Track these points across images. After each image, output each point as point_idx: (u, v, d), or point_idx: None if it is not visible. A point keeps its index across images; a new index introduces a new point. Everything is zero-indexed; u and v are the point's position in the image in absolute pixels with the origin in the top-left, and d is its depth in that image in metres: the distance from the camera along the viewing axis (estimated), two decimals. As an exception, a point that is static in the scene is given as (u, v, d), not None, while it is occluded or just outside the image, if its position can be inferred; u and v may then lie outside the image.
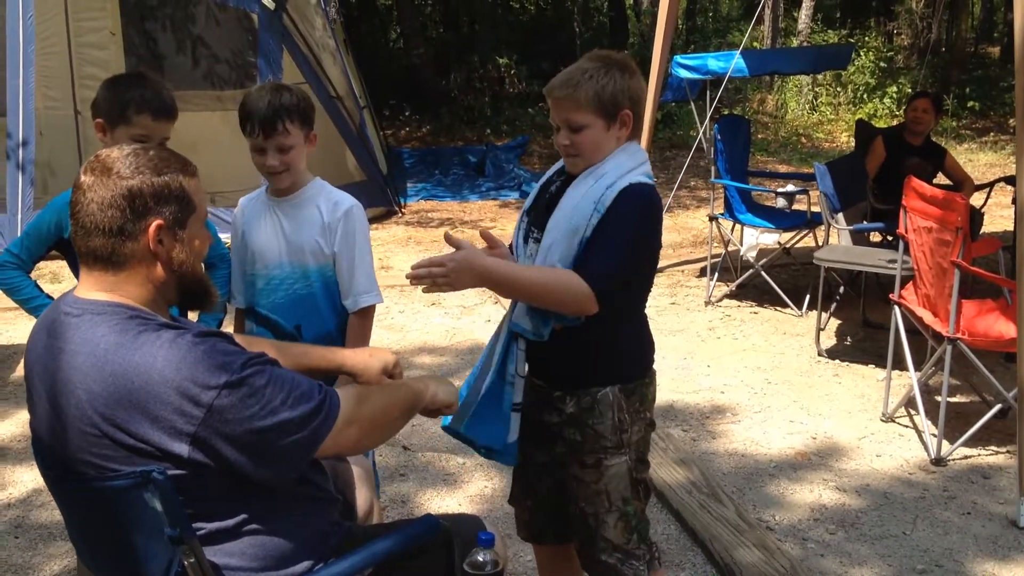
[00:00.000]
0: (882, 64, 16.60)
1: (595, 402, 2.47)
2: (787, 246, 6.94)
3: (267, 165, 2.78)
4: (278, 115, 2.72)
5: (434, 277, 2.25)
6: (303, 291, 2.88)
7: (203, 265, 2.06)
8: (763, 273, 6.48)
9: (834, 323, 6.09)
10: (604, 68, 2.37)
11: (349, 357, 2.45)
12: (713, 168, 6.76)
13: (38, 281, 2.96)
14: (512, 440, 2.52)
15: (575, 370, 2.49)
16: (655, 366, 2.69)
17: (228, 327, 3.00)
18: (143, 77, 2.91)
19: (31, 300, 2.91)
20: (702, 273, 7.21)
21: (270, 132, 2.73)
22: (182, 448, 1.74)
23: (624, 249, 2.35)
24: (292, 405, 1.82)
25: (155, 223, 1.86)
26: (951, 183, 6.60)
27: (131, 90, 2.81)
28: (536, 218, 2.53)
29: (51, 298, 2.93)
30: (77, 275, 2.93)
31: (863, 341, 5.83)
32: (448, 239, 2.35)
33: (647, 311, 2.65)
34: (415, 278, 2.27)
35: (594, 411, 2.47)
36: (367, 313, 2.95)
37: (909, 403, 4.66)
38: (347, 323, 2.94)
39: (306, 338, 2.87)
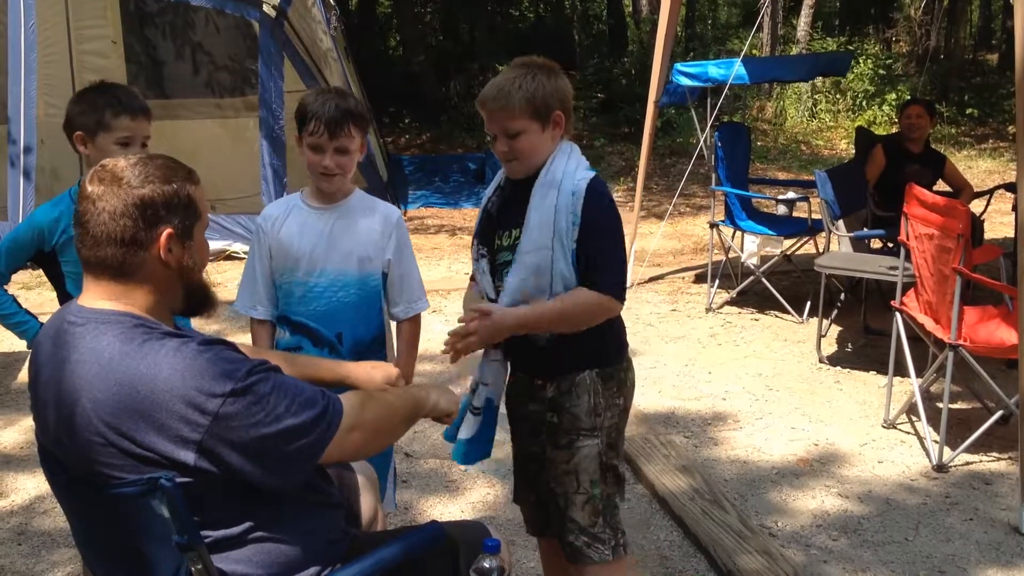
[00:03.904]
0: (881, 71, 16.61)
1: (573, 385, 2.56)
2: (788, 253, 6.94)
3: (323, 165, 2.79)
4: (345, 117, 2.76)
5: (472, 347, 2.53)
6: (345, 299, 2.88)
7: None
8: (764, 280, 6.48)
9: (835, 330, 6.10)
10: (530, 74, 2.49)
11: (353, 369, 2.50)
12: (713, 175, 6.77)
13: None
14: (463, 438, 2.65)
15: (555, 357, 2.58)
16: (656, 373, 2.73)
17: (233, 336, 3.00)
18: (108, 84, 2.93)
19: (11, 316, 2.94)
20: (703, 280, 7.21)
21: (335, 132, 2.75)
22: (188, 456, 1.74)
23: (618, 251, 2.55)
24: (296, 411, 1.82)
25: (166, 232, 1.86)
26: (951, 190, 6.61)
27: (102, 96, 2.83)
28: (486, 239, 2.68)
29: (29, 313, 2.95)
30: (57, 287, 2.94)
31: (864, 348, 5.84)
32: (469, 313, 2.57)
33: (648, 317, 2.69)
34: (455, 353, 2.55)
35: (572, 394, 2.56)
36: (418, 319, 3.06)
37: (911, 410, 4.66)
38: (384, 331, 3.00)
39: (345, 345, 2.89)
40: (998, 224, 8.28)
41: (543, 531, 2.84)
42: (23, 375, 5.30)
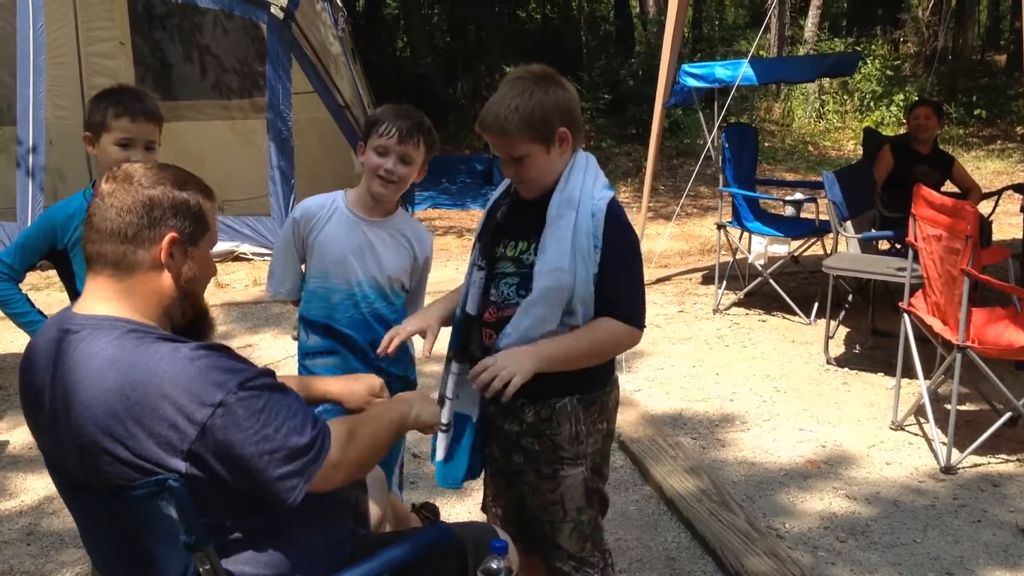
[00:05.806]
0: (888, 72, 16.59)
1: (553, 413, 2.47)
2: (795, 254, 6.93)
3: (386, 168, 2.84)
4: (418, 129, 2.86)
5: (503, 379, 2.25)
6: (380, 310, 2.97)
7: None
8: (771, 281, 6.48)
9: (843, 331, 6.09)
10: (526, 91, 2.32)
11: (332, 384, 2.47)
12: (721, 176, 6.76)
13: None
14: (437, 460, 2.58)
15: (535, 381, 2.40)
16: (663, 374, 2.69)
17: (240, 337, 3.00)
18: (123, 87, 2.97)
19: (24, 315, 2.94)
20: (710, 281, 7.21)
21: (405, 139, 2.83)
22: (179, 464, 1.74)
23: (637, 277, 2.45)
24: (285, 436, 1.80)
25: (170, 235, 1.87)
26: (959, 191, 6.60)
27: (109, 98, 2.87)
28: (485, 248, 2.58)
29: (41, 313, 2.95)
30: (68, 285, 2.96)
31: (872, 349, 5.83)
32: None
33: (656, 319, 2.66)
34: (490, 389, 2.27)
35: (552, 421, 2.47)
36: None
37: (919, 411, 4.65)
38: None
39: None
40: (1006, 225, 8.26)
41: (524, 550, 2.74)
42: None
